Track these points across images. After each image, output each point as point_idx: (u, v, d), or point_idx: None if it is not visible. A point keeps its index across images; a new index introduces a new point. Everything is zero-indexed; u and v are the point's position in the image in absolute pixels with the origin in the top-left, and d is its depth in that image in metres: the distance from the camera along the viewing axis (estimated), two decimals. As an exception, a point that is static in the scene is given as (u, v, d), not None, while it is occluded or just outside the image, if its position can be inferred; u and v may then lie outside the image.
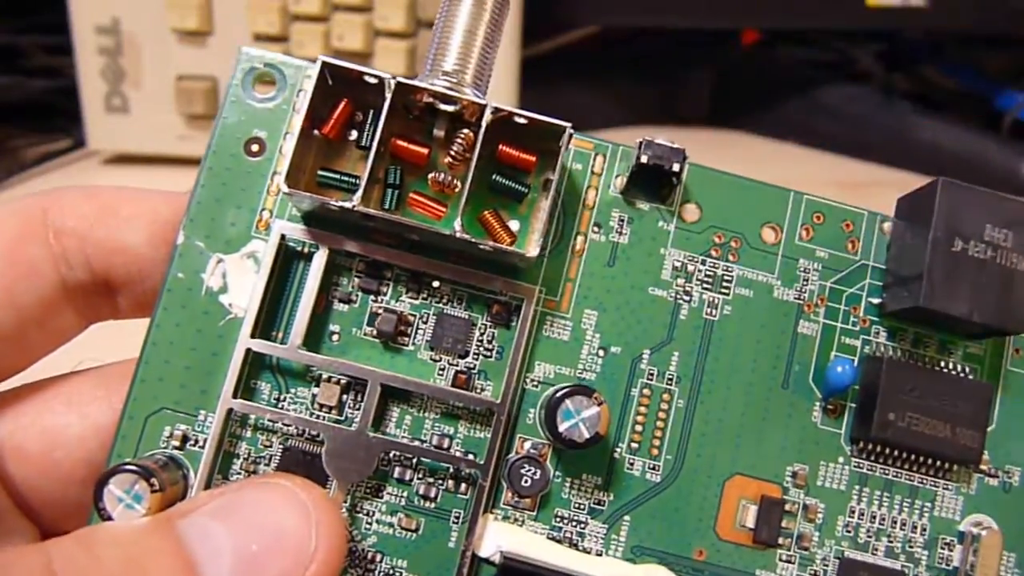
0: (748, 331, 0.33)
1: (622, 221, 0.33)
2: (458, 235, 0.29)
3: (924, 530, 0.33)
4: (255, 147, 0.32)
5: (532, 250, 0.30)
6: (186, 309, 0.31)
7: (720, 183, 0.34)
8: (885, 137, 0.70)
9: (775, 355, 0.33)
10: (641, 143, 0.32)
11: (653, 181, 0.33)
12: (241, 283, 0.32)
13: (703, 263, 0.33)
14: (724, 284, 0.33)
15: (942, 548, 0.33)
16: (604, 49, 0.76)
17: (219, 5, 0.72)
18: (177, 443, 0.31)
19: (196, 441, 0.31)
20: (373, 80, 0.30)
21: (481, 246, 0.30)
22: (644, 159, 0.32)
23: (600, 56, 0.76)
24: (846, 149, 0.74)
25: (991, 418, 0.33)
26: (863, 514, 0.33)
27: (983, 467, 0.33)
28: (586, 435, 0.29)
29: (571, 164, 0.33)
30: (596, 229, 0.33)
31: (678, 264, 0.33)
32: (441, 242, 0.31)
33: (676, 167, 0.32)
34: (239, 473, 0.31)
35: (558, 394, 0.30)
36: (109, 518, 0.28)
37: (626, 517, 0.32)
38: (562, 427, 0.29)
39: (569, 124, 0.30)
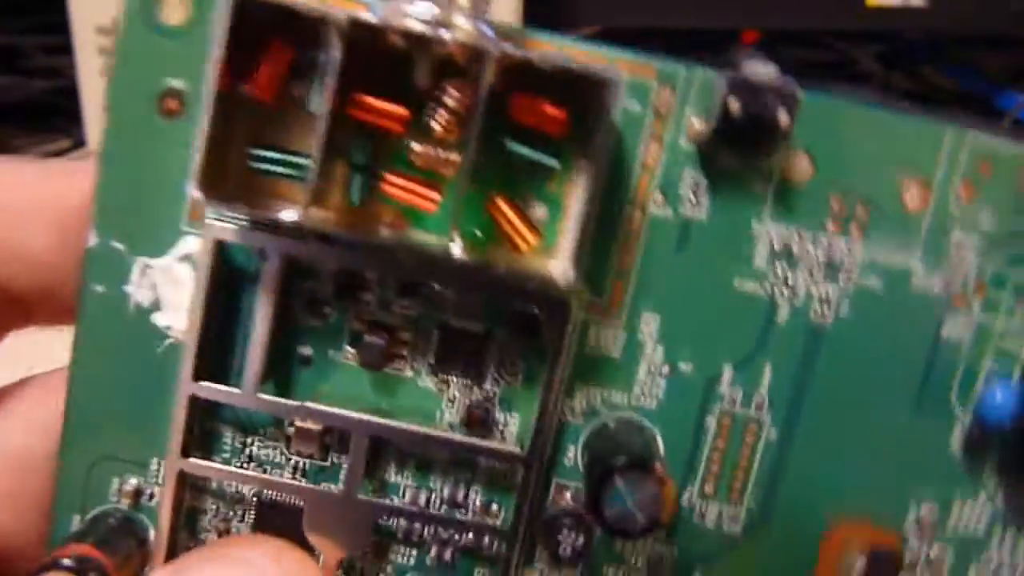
0: (872, 337, 0.24)
1: (697, 186, 0.23)
2: (456, 255, 0.20)
3: (1084, 578, 0.25)
4: (172, 103, 0.23)
5: (563, 270, 0.21)
6: (112, 335, 0.24)
7: (847, 120, 0.23)
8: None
9: (908, 368, 0.24)
10: (729, 80, 0.21)
11: (750, 128, 0.22)
12: (177, 297, 0.24)
13: (814, 242, 0.23)
14: (844, 272, 0.23)
15: (1107, 598, 0.25)
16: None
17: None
18: (129, 500, 0.24)
19: (152, 495, 0.25)
20: (313, 17, 0.20)
21: (488, 268, 0.20)
22: (735, 109, 0.21)
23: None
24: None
25: None
26: (1002, 566, 0.25)
27: None
28: (641, 523, 0.21)
29: (622, 104, 0.23)
30: (659, 199, 0.23)
31: (778, 245, 0.23)
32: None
33: (784, 119, 0.21)
34: (209, 531, 0.25)
35: (604, 467, 0.22)
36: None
37: None
38: (609, 512, 0.21)
39: (614, 71, 0.20)
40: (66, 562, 0.22)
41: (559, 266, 0.21)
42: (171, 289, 0.24)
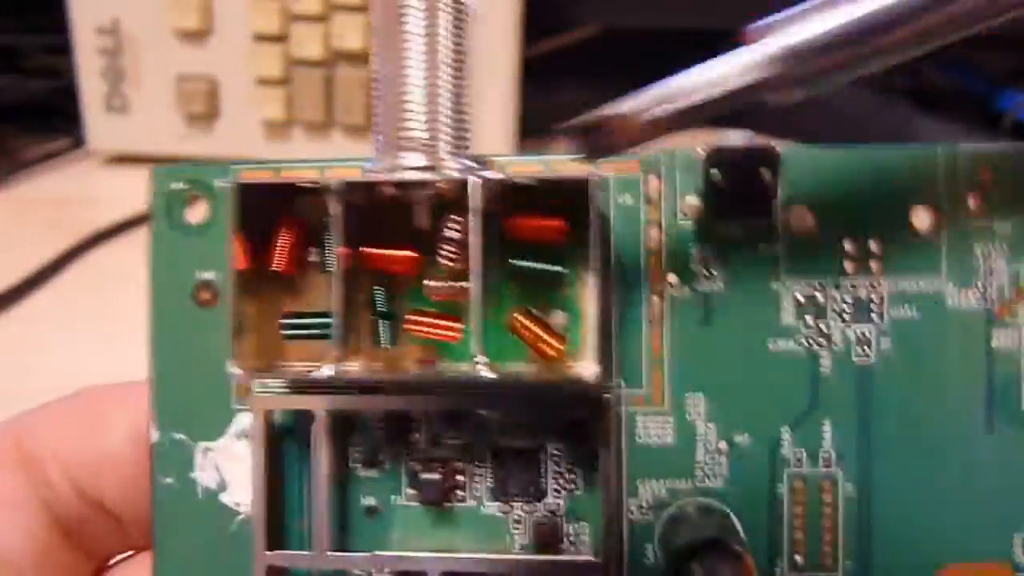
0: (922, 366, 0.23)
1: (707, 260, 0.24)
2: (485, 376, 0.21)
3: None
4: (206, 294, 0.25)
5: (590, 368, 0.21)
6: (187, 521, 0.25)
7: (832, 164, 0.23)
8: (885, 137, 0.69)
9: (967, 389, 0.23)
10: (707, 154, 0.22)
11: (738, 194, 0.23)
12: (240, 473, 0.25)
13: (837, 287, 0.23)
14: (873, 309, 0.23)
15: None
16: (604, 49, 0.75)
17: (219, 5, 0.70)
18: None
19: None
20: (310, 188, 0.21)
21: (515, 383, 0.21)
22: (718, 179, 0.22)
23: (600, 56, 0.75)
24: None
25: None
26: None
27: None
28: (727, 606, 0.21)
29: (616, 201, 0.24)
30: (674, 280, 0.24)
31: (802, 298, 0.23)
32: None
33: (767, 175, 0.22)
34: None
35: (681, 552, 0.21)
36: None
37: (807, 659, 0.24)
38: (693, 602, 0.21)
39: (591, 171, 0.21)
40: None
41: (586, 366, 0.21)
42: (233, 467, 0.25)
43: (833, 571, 0.23)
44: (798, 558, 0.23)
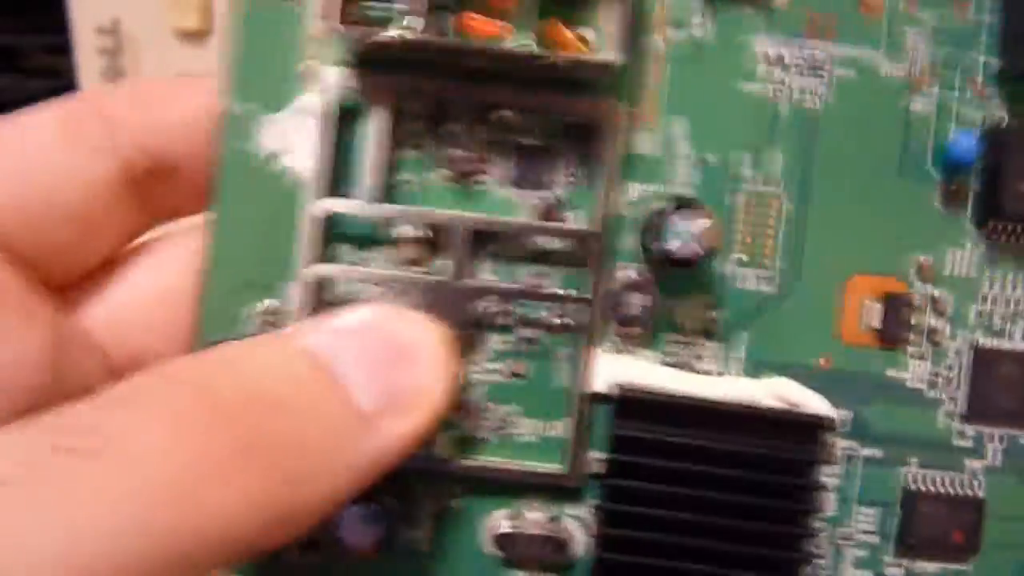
0: (856, 117, 0.30)
1: (704, 13, 0.29)
2: (524, 51, 0.26)
3: (1064, 307, 0.30)
4: (287, -11, 0.29)
5: (614, 55, 0.27)
6: (247, 178, 0.29)
7: (809, -47, 0.30)
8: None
9: (888, 140, 0.30)
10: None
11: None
12: (300, 141, 0.29)
13: (801, 47, 0.30)
14: (824, 68, 0.30)
15: (1085, 323, 0.30)
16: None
17: (219, 5, 0.70)
18: (269, 317, 0.29)
19: (286, 315, 0.29)
20: None
21: (553, 60, 0.26)
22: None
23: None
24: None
25: None
26: (996, 299, 0.30)
27: None
28: (699, 251, 0.27)
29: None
30: (674, 27, 0.29)
31: (772, 53, 0.30)
32: (508, 67, 0.28)
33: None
34: (334, 340, 0.30)
35: (662, 211, 0.27)
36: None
37: (743, 333, 0.30)
38: (671, 245, 0.27)
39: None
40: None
41: (609, 53, 0.27)
42: (294, 136, 0.29)
43: (770, 269, 0.30)
44: (743, 256, 0.30)
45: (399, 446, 0.25)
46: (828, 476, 0.30)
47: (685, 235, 0.27)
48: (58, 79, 0.75)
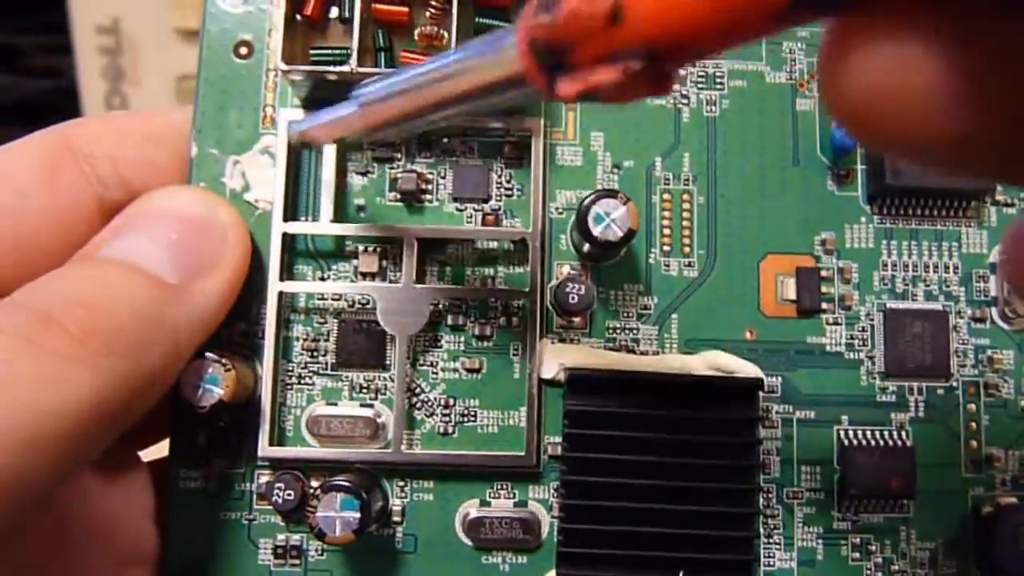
0: (750, 119, 0.34)
1: (607, 43, 0.34)
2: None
3: (956, 269, 0.34)
4: (243, 50, 0.33)
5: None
6: (215, 214, 0.32)
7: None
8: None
9: (780, 137, 0.34)
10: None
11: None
12: (261, 178, 0.33)
13: (693, 65, 0.34)
14: (717, 81, 0.34)
15: (977, 282, 0.34)
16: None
17: None
18: (238, 338, 0.32)
19: (257, 334, 0.32)
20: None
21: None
22: None
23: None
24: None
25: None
26: (895, 266, 0.34)
27: (998, 198, 0.34)
28: (620, 233, 0.30)
29: None
30: (584, 56, 0.34)
31: (669, 72, 0.34)
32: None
33: None
34: (301, 353, 0.32)
35: (585, 202, 0.31)
36: (188, 404, 0.29)
37: (674, 316, 0.33)
38: (596, 231, 0.30)
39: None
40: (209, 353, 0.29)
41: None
42: (255, 174, 0.33)
43: (691, 256, 0.33)
44: (666, 246, 0.33)
45: (214, 301, 0.29)
46: (769, 440, 0.32)
47: (606, 221, 0.30)
48: (58, 79, 0.77)
